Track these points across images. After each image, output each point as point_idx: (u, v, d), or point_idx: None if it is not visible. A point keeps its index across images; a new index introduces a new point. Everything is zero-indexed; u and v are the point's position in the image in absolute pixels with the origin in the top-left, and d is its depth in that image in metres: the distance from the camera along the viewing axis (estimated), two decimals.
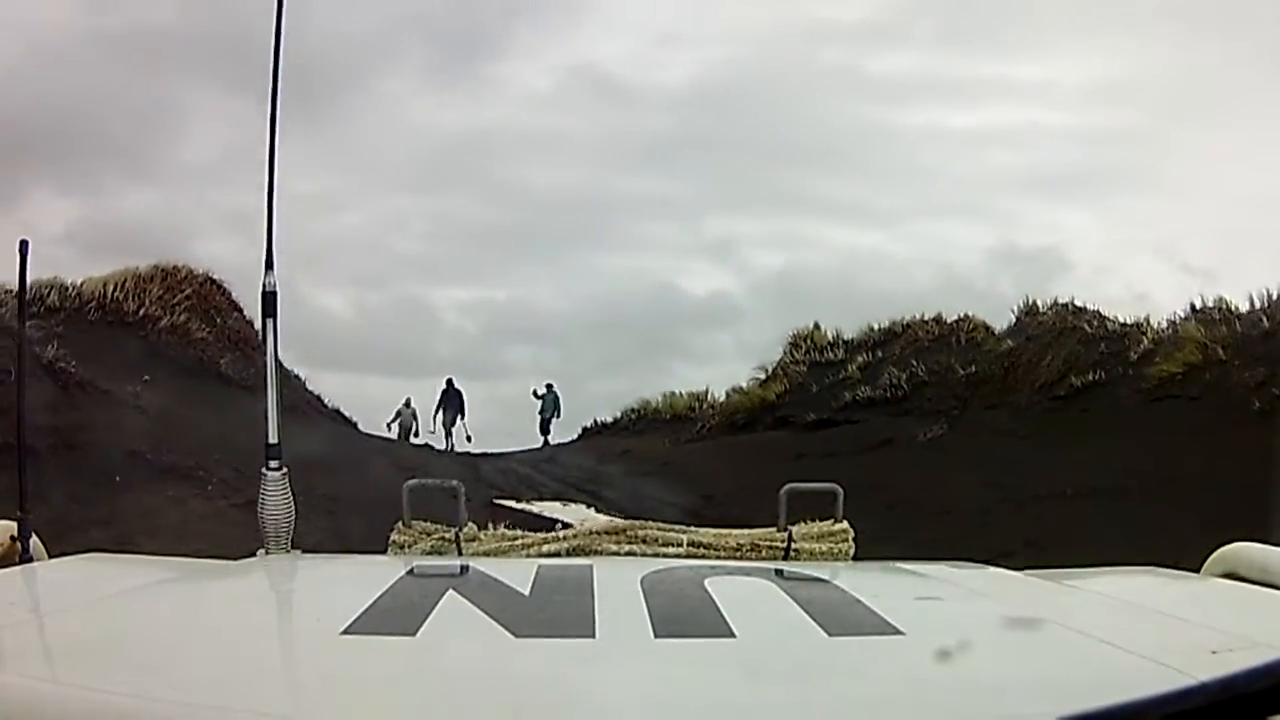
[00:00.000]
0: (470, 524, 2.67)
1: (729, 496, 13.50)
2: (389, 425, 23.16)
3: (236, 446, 11.76)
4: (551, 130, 38.38)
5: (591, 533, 2.66)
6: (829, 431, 17.40)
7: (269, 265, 2.73)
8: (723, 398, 21.99)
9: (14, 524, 2.20)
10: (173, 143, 37.00)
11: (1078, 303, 17.81)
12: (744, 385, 21.82)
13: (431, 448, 22.23)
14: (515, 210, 38.71)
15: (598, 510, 11.97)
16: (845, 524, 2.71)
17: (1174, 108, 33.68)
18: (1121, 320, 17.05)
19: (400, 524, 2.66)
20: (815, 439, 17.20)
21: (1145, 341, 15.94)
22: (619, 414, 24.13)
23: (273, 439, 2.66)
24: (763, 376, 21.36)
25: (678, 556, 2.51)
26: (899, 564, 2.39)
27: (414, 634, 1.43)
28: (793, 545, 2.61)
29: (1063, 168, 36.67)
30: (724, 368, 24.25)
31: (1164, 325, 16.56)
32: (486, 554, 2.57)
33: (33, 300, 14.57)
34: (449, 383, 23.53)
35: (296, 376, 19.52)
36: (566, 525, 2.88)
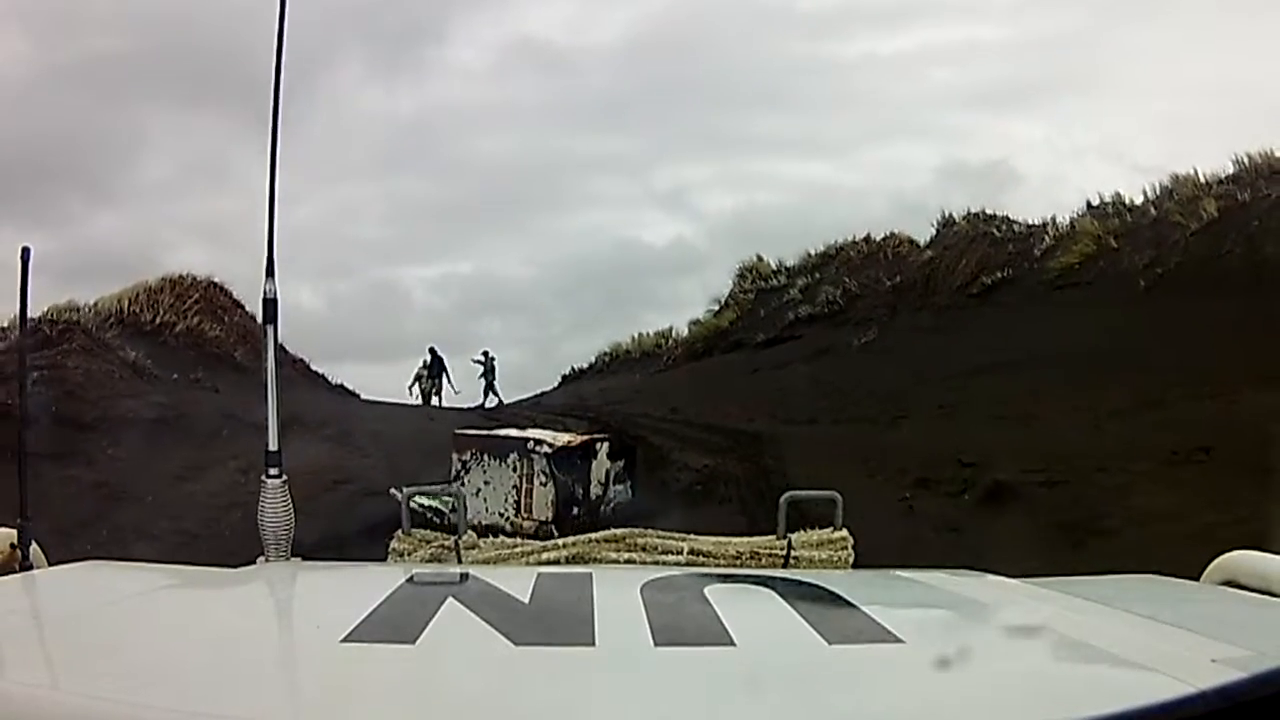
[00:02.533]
0: (470, 532, 2.58)
1: (690, 406, 14.97)
2: (410, 389, 23.50)
3: (247, 415, 14.01)
4: (496, 103, 38.13)
5: (591, 540, 2.55)
6: (777, 348, 18.50)
7: (270, 272, 2.61)
8: (685, 332, 22.99)
9: (14, 532, 2.11)
10: (132, 165, 35.62)
11: (988, 211, 18.86)
12: (700, 317, 22.91)
13: (438, 406, 22.69)
14: (470, 184, 38.61)
15: (564, 430, 13.23)
16: (845, 532, 2.62)
17: (1112, 7, 33.55)
18: (1028, 222, 18.08)
19: (399, 532, 2.58)
20: (765, 355, 18.37)
21: (1048, 239, 16.86)
22: (593, 359, 25.05)
23: (273, 446, 2.55)
24: (716, 308, 22.55)
25: (677, 564, 2.43)
26: (899, 572, 2.30)
27: (414, 642, 1.39)
28: (792, 553, 2.53)
29: (1005, 80, 36.22)
30: (691, 311, 24.85)
31: (1066, 222, 17.36)
32: (486, 562, 2.48)
33: (55, 321, 15.56)
34: (432, 351, 24.15)
35: (300, 360, 20.29)
36: (539, 443, 2.84)
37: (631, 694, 1.28)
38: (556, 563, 2.45)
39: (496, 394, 23.92)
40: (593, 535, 2.58)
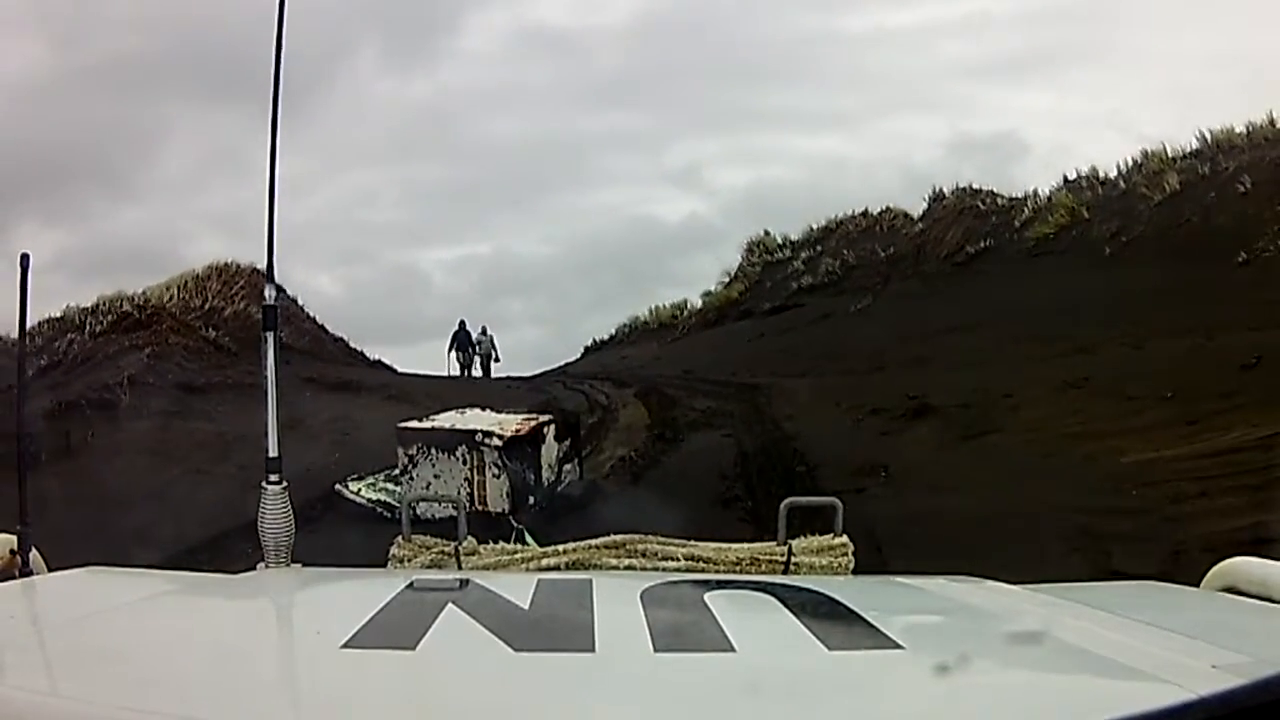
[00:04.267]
0: (470, 538, 2.51)
1: (701, 367, 16.22)
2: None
3: (342, 378, 16.28)
4: (507, 86, 38.33)
5: (590, 547, 2.49)
6: (782, 315, 19.65)
7: (270, 278, 2.55)
8: (699, 303, 24.09)
9: (14, 537, 2.05)
10: (150, 161, 35.28)
11: (975, 185, 20.18)
12: (712, 289, 24.06)
13: (484, 377, 22.95)
14: (485, 166, 38.92)
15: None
16: (845, 538, 2.55)
17: None
18: (1010, 195, 19.23)
19: (400, 538, 2.51)
20: (771, 322, 19.49)
21: (1027, 211, 17.94)
22: (614, 331, 25.83)
23: (273, 453, 2.48)
24: (727, 280, 23.78)
25: (677, 570, 2.38)
26: (899, 578, 2.25)
27: (413, 648, 1.36)
28: (792, 559, 2.47)
29: (1013, 51, 36.20)
30: (705, 284, 25.30)
31: (1044, 196, 18.50)
32: (486, 568, 2.43)
33: (108, 312, 16.68)
34: (461, 324, 23.79)
35: (340, 338, 21.45)
36: (488, 435, 2.56)
37: (631, 700, 1.25)
38: (556, 569, 2.41)
39: (487, 371, 23.66)
40: (592, 541, 2.52)
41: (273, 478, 2.48)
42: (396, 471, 6.42)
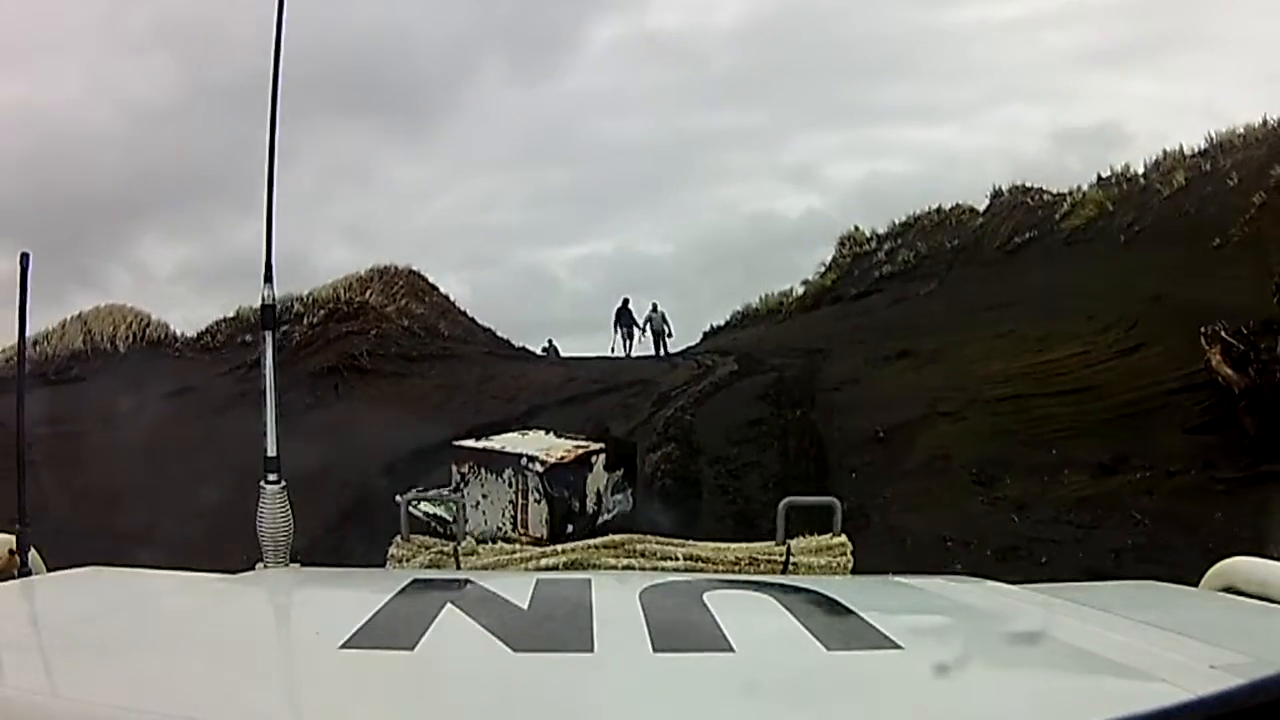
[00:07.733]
0: (469, 538, 2.50)
1: (792, 341, 18.73)
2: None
3: (500, 352, 19.33)
4: (626, 90, 37.91)
5: (589, 546, 2.49)
6: (865, 300, 22.08)
7: (268, 278, 2.49)
8: (802, 291, 26.56)
9: (13, 537, 2.03)
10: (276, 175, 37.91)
11: (1026, 184, 22.45)
12: (811, 279, 26.60)
13: (656, 353, 24.77)
14: (606, 168, 38.66)
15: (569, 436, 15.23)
16: (844, 538, 2.55)
17: None
18: (1054, 191, 21.25)
19: (399, 537, 2.48)
20: (856, 306, 21.93)
21: (1066, 206, 19.70)
22: (728, 317, 28.05)
23: (271, 452, 2.42)
24: (823, 270, 26.37)
25: (676, 570, 2.38)
26: (897, 578, 2.23)
27: (412, 648, 1.33)
28: (791, 559, 2.49)
29: (1113, 40, 35.62)
30: (807, 275, 27.95)
31: (1081, 192, 20.38)
32: (485, 567, 2.42)
33: (350, 303, 18.60)
34: (625, 302, 25.61)
35: (488, 329, 23.08)
36: (532, 459, 2.81)
37: (630, 700, 1.25)
38: (555, 568, 2.38)
39: (661, 347, 25.10)
40: (591, 541, 2.51)
41: (271, 477, 2.38)
42: (450, 488, 6.00)
